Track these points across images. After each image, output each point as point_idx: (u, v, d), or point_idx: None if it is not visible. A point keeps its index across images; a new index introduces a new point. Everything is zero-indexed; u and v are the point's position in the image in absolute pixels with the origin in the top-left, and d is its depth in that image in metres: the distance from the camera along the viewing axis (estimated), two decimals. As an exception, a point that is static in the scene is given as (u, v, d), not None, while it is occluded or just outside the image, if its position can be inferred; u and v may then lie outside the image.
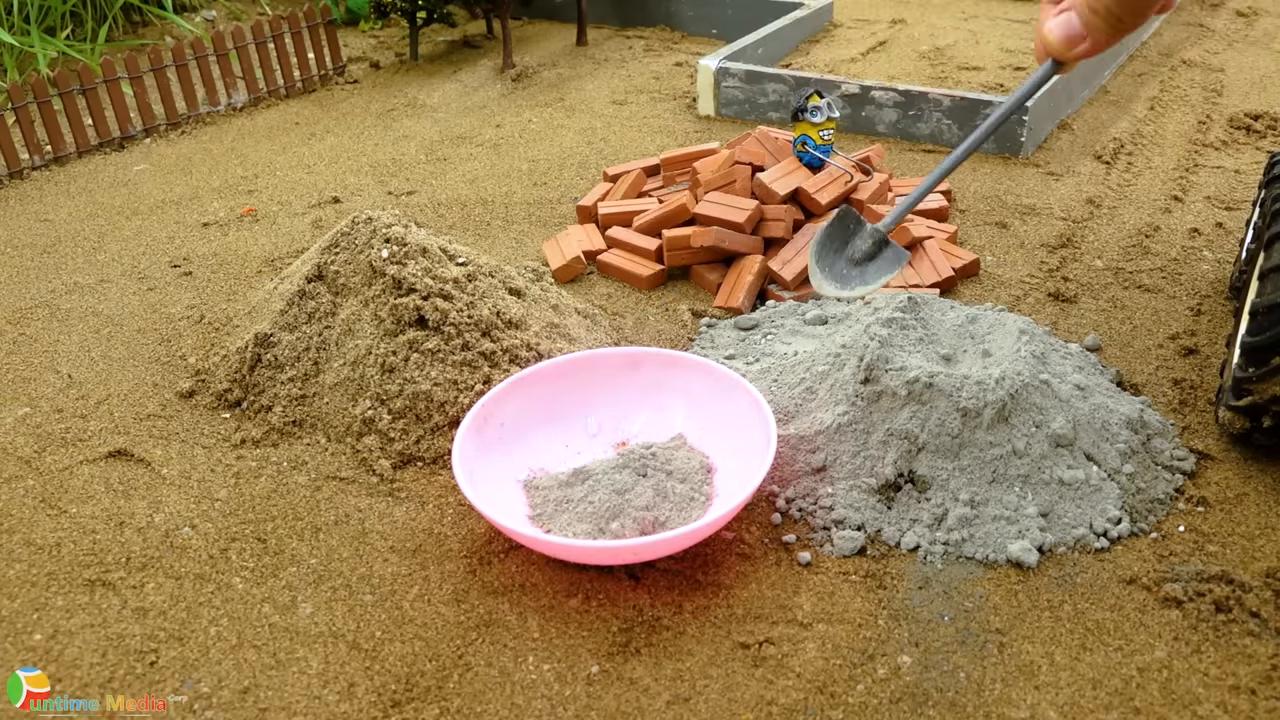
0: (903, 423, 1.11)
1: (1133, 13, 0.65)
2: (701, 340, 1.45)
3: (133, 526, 1.13)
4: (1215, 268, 1.62)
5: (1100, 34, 0.67)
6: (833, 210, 1.61)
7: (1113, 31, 0.67)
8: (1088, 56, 0.70)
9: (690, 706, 0.90)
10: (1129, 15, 0.65)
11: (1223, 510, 1.11)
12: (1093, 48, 0.69)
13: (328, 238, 1.39)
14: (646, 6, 3.18)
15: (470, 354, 1.26)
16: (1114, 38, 0.68)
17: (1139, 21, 0.66)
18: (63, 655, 0.97)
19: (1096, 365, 1.33)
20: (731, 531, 1.09)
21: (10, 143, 2.12)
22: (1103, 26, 0.67)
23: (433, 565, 1.07)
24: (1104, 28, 0.67)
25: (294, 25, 2.66)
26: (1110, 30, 0.67)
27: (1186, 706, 0.89)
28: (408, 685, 0.93)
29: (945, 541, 1.06)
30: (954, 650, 0.95)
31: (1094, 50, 0.69)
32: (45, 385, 1.40)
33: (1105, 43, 0.69)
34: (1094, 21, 0.67)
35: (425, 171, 2.14)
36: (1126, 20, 0.66)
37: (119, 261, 1.77)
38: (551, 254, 1.70)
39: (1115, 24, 0.66)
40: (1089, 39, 0.68)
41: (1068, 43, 0.69)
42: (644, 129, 2.33)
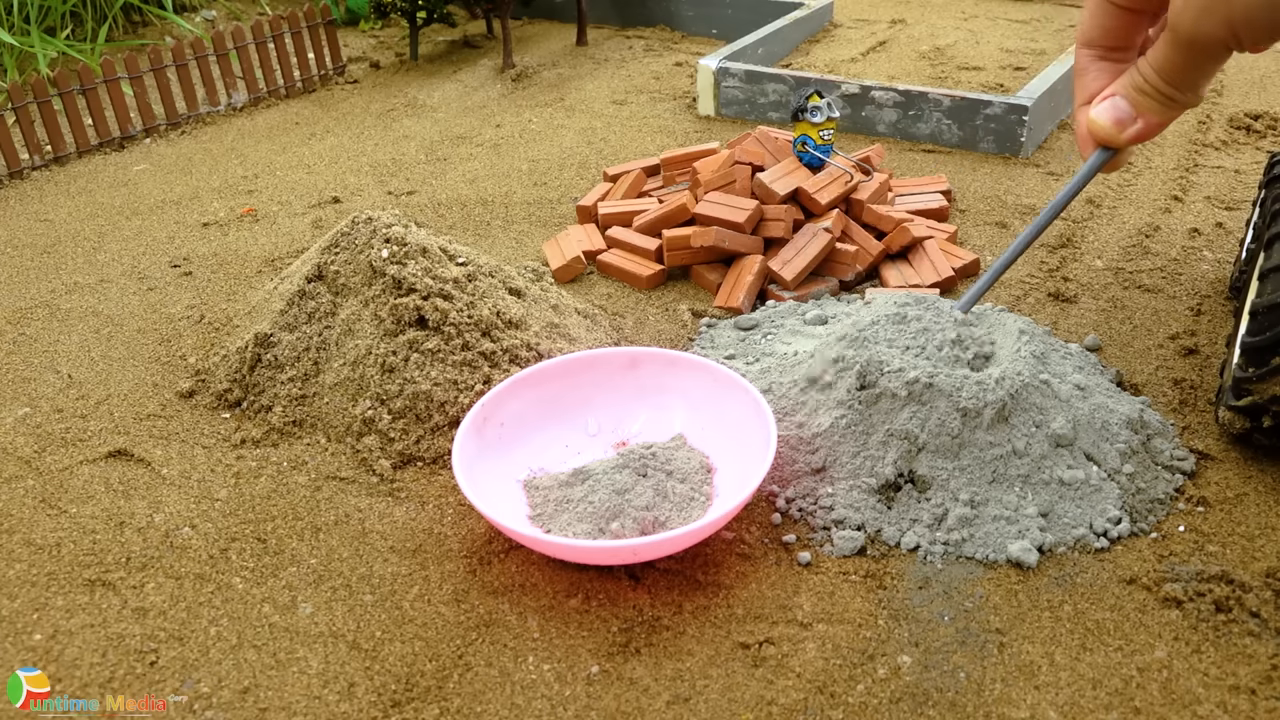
0: (903, 423, 1.11)
1: (1186, 86, 0.61)
2: (701, 340, 1.45)
3: (133, 526, 1.13)
4: (1215, 268, 1.62)
5: (1153, 114, 0.63)
6: (832, 210, 1.61)
7: (1165, 109, 0.63)
8: (1142, 140, 0.66)
9: (690, 706, 0.90)
10: (1183, 90, 0.61)
11: (1223, 510, 1.11)
12: (1145, 129, 0.65)
13: (328, 238, 1.39)
14: (646, 6, 3.18)
15: (470, 354, 1.26)
16: (1168, 115, 0.64)
17: (1195, 99, 0.62)
18: (63, 655, 0.97)
19: (1096, 365, 1.33)
20: (731, 531, 1.09)
21: (10, 143, 2.12)
22: (1155, 106, 0.63)
23: (433, 565, 1.07)
24: (1156, 107, 0.63)
25: (294, 25, 2.66)
26: (1163, 108, 0.63)
27: (1186, 706, 0.89)
28: (408, 685, 0.93)
29: (945, 541, 1.06)
30: (954, 650, 0.95)
31: (1147, 133, 0.65)
32: (45, 385, 1.40)
33: (1158, 122, 0.64)
34: (1143, 102, 0.63)
35: (425, 171, 2.14)
36: (1179, 98, 0.62)
37: (119, 261, 1.77)
38: (551, 254, 1.70)
39: (1168, 104, 0.62)
40: (1140, 120, 0.64)
41: (1118, 125, 0.65)
42: (644, 129, 2.33)
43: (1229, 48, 0.57)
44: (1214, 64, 0.59)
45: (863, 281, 1.60)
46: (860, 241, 1.60)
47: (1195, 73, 0.60)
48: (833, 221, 1.59)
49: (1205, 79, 0.61)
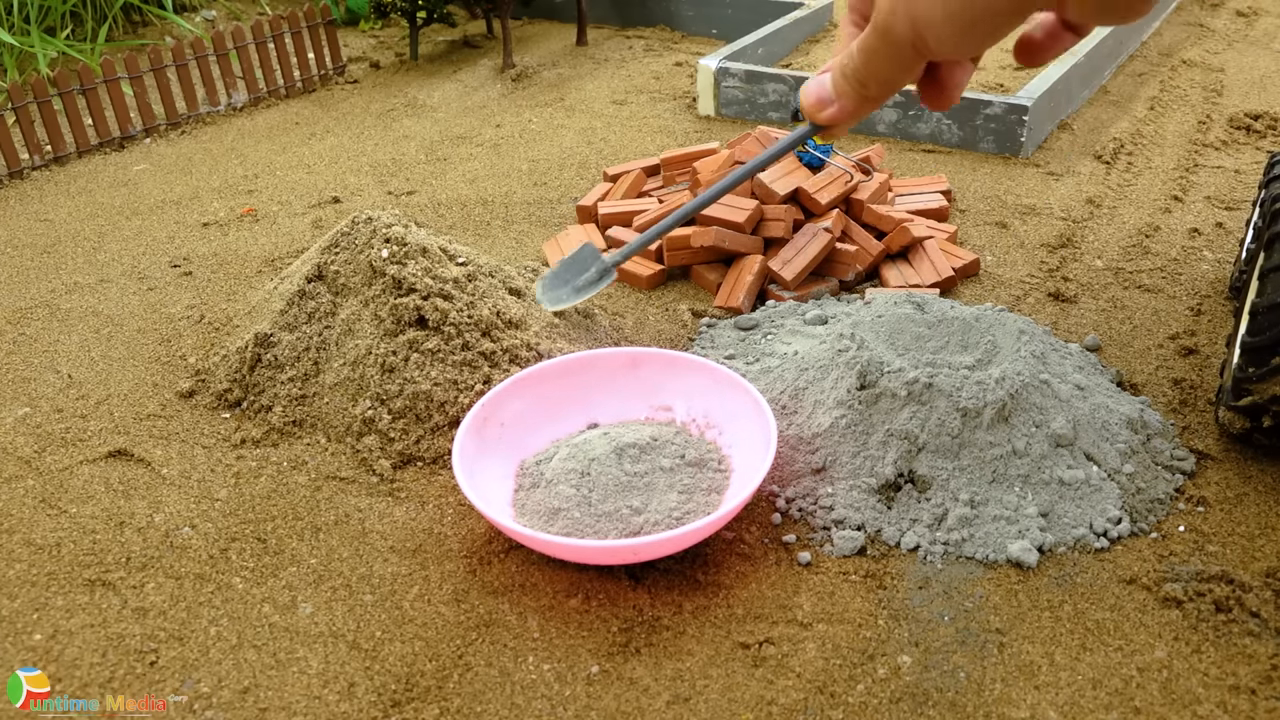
0: (903, 423, 1.11)
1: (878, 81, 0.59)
2: (701, 340, 1.45)
3: (133, 526, 1.13)
4: (1215, 268, 1.62)
5: (847, 99, 0.62)
6: (832, 210, 1.61)
7: (859, 99, 0.61)
8: (836, 123, 0.64)
9: (690, 706, 0.90)
10: (875, 85, 0.60)
11: (1223, 510, 1.11)
12: (839, 113, 0.63)
13: (328, 238, 1.39)
14: (646, 6, 3.18)
15: (470, 354, 1.26)
16: (860, 106, 0.62)
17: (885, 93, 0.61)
18: (63, 655, 0.97)
19: (1096, 365, 1.33)
20: (731, 531, 1.09)
21: (10, 143, 2.12)
22: (850, 93, 0.61)
23: (433, 565, 1.07)
24: (851, 94, 0.61)
25: (294, 25, 2.66)
26: (856, 97, 0.61)
27: (1186, 706, 0.89)
28: (408, 685, 0.93)
29: (945, 541, 1.06)
30: (954, 650, 0.95)
31: (840, 116, 0.64)
32: (45, 385, 1.40)
33: (852, 109, 0.62)
34: (842, 86, 0.62)
35: (425, 171, 2.14)
36: (872, 90, 0.60)
37: (119, 261, 1.77)
38: (551, 254, 1.70)
39: (861, 91, 0.61)
40: (836, 103, 0.62)
41: (817, 104, 0.63)
42: (644, 129, 2.33)
43: (917, 49, 0.54)
44: (906, 65, 0.57)
45: (863, 281, 1.60)
46: (860, 241, 1.60)
47: (887, 67, 0.57)
48: (833, 221, 1.59)
49: (899, 79, 0.59)
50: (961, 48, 0.53)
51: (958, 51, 0.53)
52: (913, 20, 0.52)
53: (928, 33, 0.52)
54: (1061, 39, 0.61)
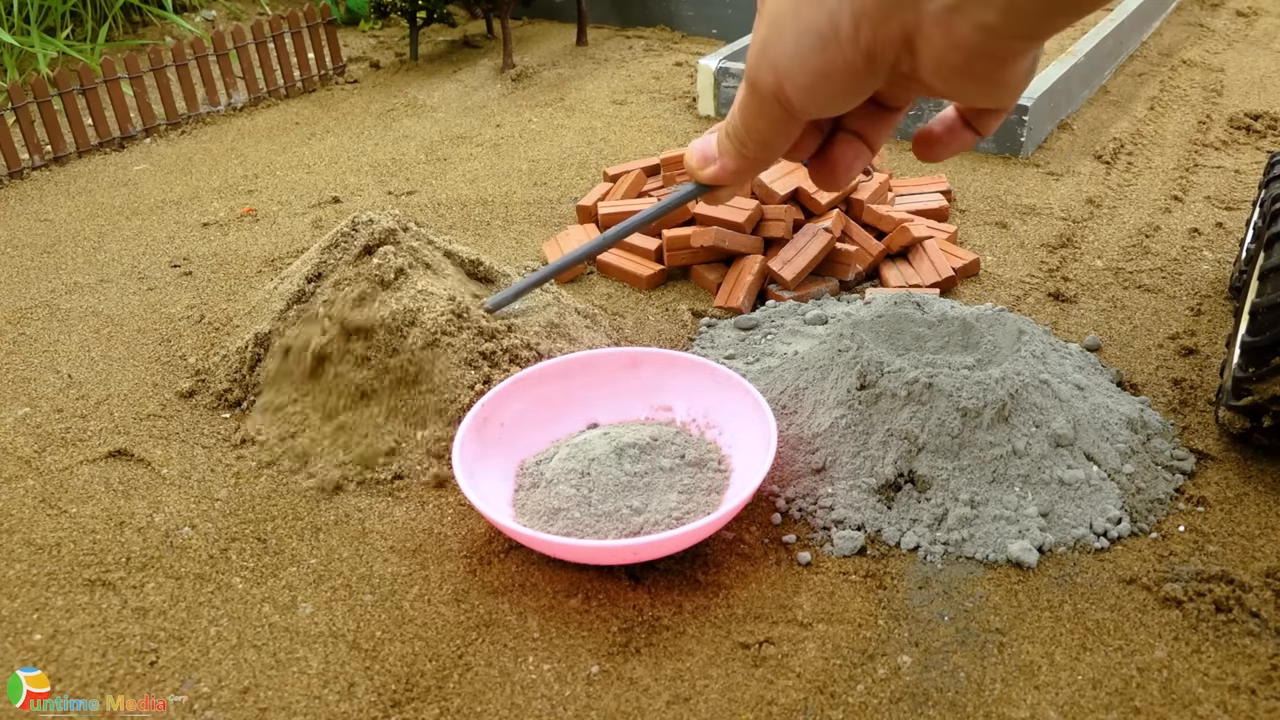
0: (903, 423, 1.11)
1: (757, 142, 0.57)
2: (701, 340, 1.45)
3: (133, 526, 1.13)
4: (1215, 268, 1.62)
5: (728, 158, 0.59)
6: (832, 210, 1.61)
7: (738, 158, 0.59)
8: (718, 181, 0.62)
9: (690, 706, 0.90)
10: (753, 144, 0.57)
11: (1223, 510, 1.11)
12: (720, 172, 0.61)
13: (328, 238, 1.39)
14: (646, 6, 3.18)
15: (470, 354, 1.26)
16: (740, 164, 0.59)
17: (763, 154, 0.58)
18: (63, 655, 0.97)
19: (1096, 365, 1.33)
20: (731, 531, 1.09)
21: (10, 143, 2.12)
22: (730, 150, 0.59)
23: (433, 565, 1.07)
24: (731, 152, 0.59)
25: (294, 25, 2.66)
26: (736, 156, 0.59)
27: (1186, 706, 0.89)
28: (408, 685, 0.93)
29: (945, 541, 1.06)
30: (954, 650, 0.95)
31: (721, 175, 0.61)
32: (45, 385, 1.40)
33: (733, 168, 0.60)
34: (724, 144, 0.59)
35: (425, 171, 2.14)
36: (750, 149, 0.58)
37: (119, 261, 1.77)
38: (551, 254, 1.70)
39: (740, 149, 0.58)
40: (718, 162, 0.60)
41: (700, 161, 0.61)
42: (644, 129, 2.33)
43: (781, 103, 0.52)
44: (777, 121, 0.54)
45: (863, 281, 1.60)
46: (860, 241, 1.60)
47: (760, 122, 0.55)
48: (833, 221, 1.59)
49: (774, 137, 0.56)
50: (818, 101, 0.51)
51: (818, 107, 0.52)
52: (774, 69, 0.51)
53: (787, 83, 0.51)
54: (960, 136, 0.60)
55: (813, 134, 0.60)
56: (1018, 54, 0.46)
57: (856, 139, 0.60)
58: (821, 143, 0.61)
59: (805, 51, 0.49)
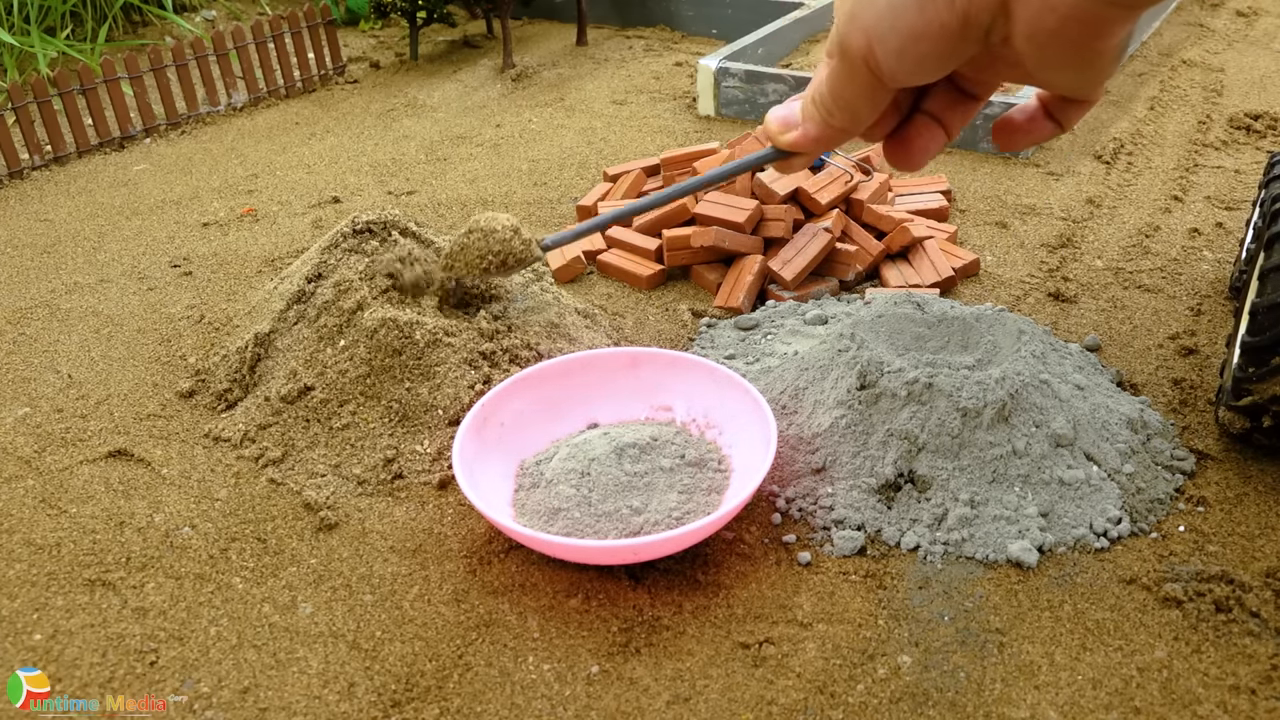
0: (903, 423, 1.11)
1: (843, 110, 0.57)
2: (701, 340, 1.45)
3: (133, 526, 1.13)
4: (1215, 268, 1.62)
5: (811, 124, 0.60)
6: (832, 210, 1.61)
7: (822, 125, 0.59)
8: (799, 148, 0.62)
9: (690, 706, 0.90)
10: (839, 112, 0.57)
11: (1223, 510, 1.11)
12: (801, 137, 0.61)
13: (328, 238, 1.39)
14: (646, 6, 3.18)
15: (470, 354, 1.26)
16: (823, 132, 0.60)
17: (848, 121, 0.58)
18: (63, 655, 0.97)
19: (1096, 365, 1.33)
20: (731, 531, 1.09)
21: (10, 143, 2.12)
22: (814, 117, 0.59)
23: (433, 565, 1.07)
24: (815, 119, 0.59)
25: (294, 25, 2.66)
26: (820, 123, 0.59)
27: (1186, 706, 0.89)
28: (408, 685, 0.93)
29: (945, 541, 1.06)
30: (954, 650, 0.95)
31: (802, 141, 0.61)
32: (45, 385, 1.40)
33: (815, 134, 0.60)
34: (809, 110, 0.60)
35: (425, 171, 2.14)
36: (836, 117, 0.58)
37: (119, 261, 1.77)
38: (551, 253, 1.70)
39: (825, 116, 0.58)
40: (801, 128, 0.61)
41: (781, 126, 0.62)
42: (644, 129, 2.33)
43: (870, 68, 0.52)
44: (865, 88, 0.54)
45: (863, 281, 1.60)
46: (860, 241, 1.60)
47: (848, 89, 0.55)
48: (833, 221, 1.59)
49: (861, 105, 0.56)
50: (909, 65, 0.51)
51: (908, 72, 0.52)
52: (865, 32, 0.51)
53: (878, 47, 0.51)
54: (1041, 126, 0.60)
55: (892, 113, 0.60)
56: (1114, 23, 0.46)
57: (935, 123, 0.60)
58: (899, 123, 0.61)
59: (900, 12, 0.49)
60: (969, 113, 0.61)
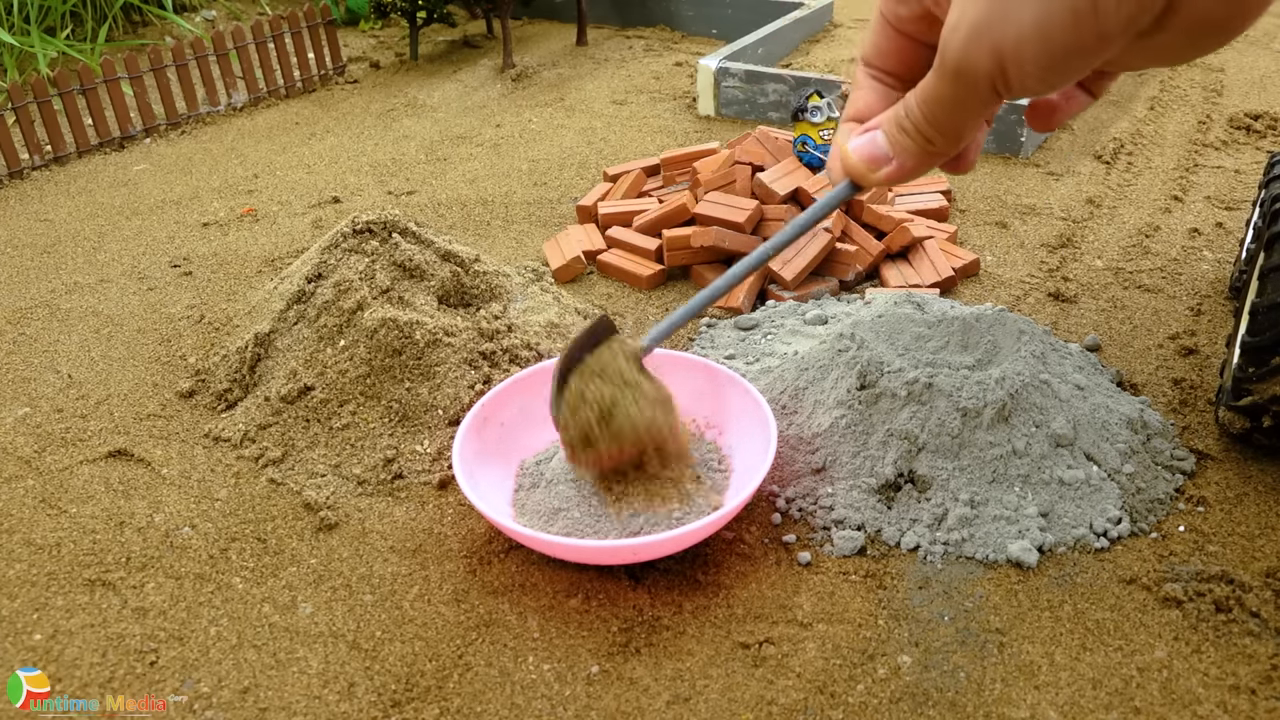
0: (903, 423, 1.11)
1: (947, 135, 0.54)
2: (701, 340, 1.45)
3: (133, 526, 1.13)
4: (1215, 268, 1.62)
5: (909, 156, 0.57)
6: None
7: (923, 155, 0.56)
8: (893, 182, 0.60)
9: (690, 706, 0.90)
10: (942, 137, 0.54)
11: (1223, 510, 1.11)
12: (898, 171, 0.58)
13: (328, 238, 1.39)
14: (646, 6, 3.18)
15: (470, 354, 1.26)
16: (924, 162, 0.57)
17: (952, 145, 0.55)
18: (63, 655, 0.97)
19: (1096, 365, 1.33)
20: (731, 531, 1.09)
21: (10, 143, 2.12)
22: (912, 148, 0.56)
23: (433, 565, 1.07)
24: (914, 149, 0.56)
25: (294, 25, 2.66)
26: (920, 153, 0.56)
27: (1186, 706, 0.89)
28: (408, 685, 0.93)
29: (945, 541, 1.06)
30: (954, 650, 0.95)
31: (900, 175, 0.59)
32: (45, 385, 1.40)
33: (913, 166, 0.58)
34: (902, 142, 0.57)
35: (425, 171, 2.14)
36: (938, 143, 0.55)
37: (119, 261, 1.77)
38: (551, 254, 1.70)
39: (926, 146, 0.56)
40: (895, 161, 0.58)
41: (871, 163, 0.59)
42: (644, 129, 2.33)
43: (995, 89, 0.50)
44: (979, 108, 0.52)
45: (863, 281, 1.60)
46: (860, 241, 1.60)
47: (959, 114, 0.53)
48: (833, 221, 1.59)
49: (968, 127, 0.54)
50: (1051, 79, 0.48)
51: (1048, 85, 0.49)
52: (996, 52, 0.48)
53: (1013, 66, 0.48)
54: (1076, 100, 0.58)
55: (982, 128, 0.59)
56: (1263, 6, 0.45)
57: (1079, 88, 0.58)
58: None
59: (1051, 29, 0.46)
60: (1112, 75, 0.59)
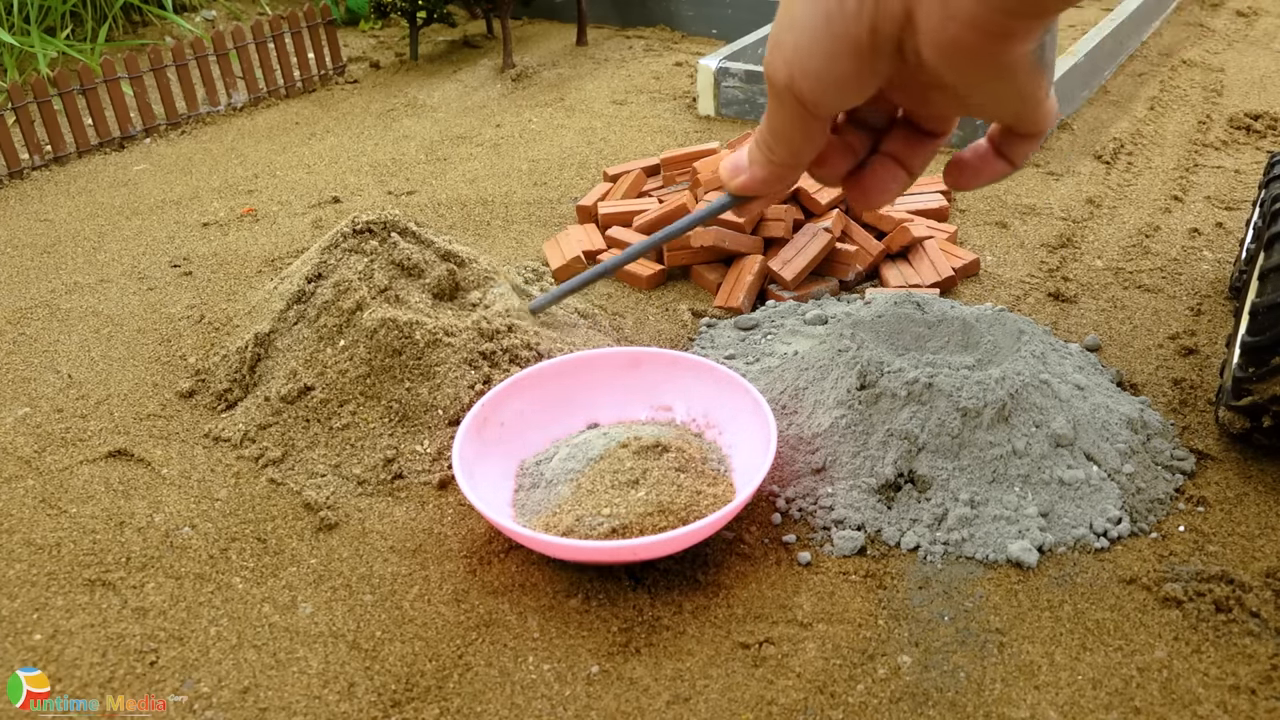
0: (903, 423, 1.11)
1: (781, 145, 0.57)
2: (701, 340, 1.45)
3: (133, 526, 1.13)
4: (1215, 268, 1.62)
5: (757, 166, 0.60)
6: (832, 210, 1.61)
7: (767, 164, 0.59)
8: (747, 191, 0.62)
9: (690, 706, 0.90)
10: (778, 148, 0.57)
11: (1223, 510, 1.11)
12: (749, 181, 0.61)
13: (328, 238, 1.39)
14: (646, 6, 3.18)
15: (470, 354, 1.26)
16: (768, 172, 0.59)
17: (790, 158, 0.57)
18: (63, 655, 0.97)
19: (1096, 365, 1.33)
20: (731, 531, 1.09)
21: (10, 143, 2.12)
22: (758, 159, 0.59)
23: (433, 565, 1.07)
24: (759, 160, 0.59)
25: (294, 25, 2.66)
26: (765, 162, 0.59)
27: (1186, 706, 0.89)
28: (408, 685, 0.93)
29: (945, 541, 1.06)
30: (954, 650, 0.95)
31: (750, 184, 0.61)
32: (45, 385, 1.40)
33: (761, 176, 0.60)
34: (753, 151, 0.59)
35: (425, 171, 2.14)
36: (777, 153, 0.57)
37: (119, 261, 1.77)
38: (551, 254, 1.70)
39: (769, 155, 0.58)
40: (748, 171, 0.60)
41: (731, 171, 0.62)
42: (644, 129, 2.33)
43: (796, 96, 0.52)
44: (795, 117, 0.54)
45: (863, 281, 1.60)
46: (860, 241, 1.60)
47: (784, 124, 0.55)
48: (833, 221, 1.59)
49: (796, 137, 0.56)
50: (828, 87, 0.51)
51: (830, 95, 0.52)
52: (786, 63, 0.51)
53: (797, 73, 0.51)
54: (992, 164, 0.60)
55: (844, 153, 0.60)
56: (1015, 34, 0.46)
57: (894, 163, 0.60)
58: (857, 165, 0.61)
59: (813, 35, 0.50)
60: (929, 151, 0.60)
